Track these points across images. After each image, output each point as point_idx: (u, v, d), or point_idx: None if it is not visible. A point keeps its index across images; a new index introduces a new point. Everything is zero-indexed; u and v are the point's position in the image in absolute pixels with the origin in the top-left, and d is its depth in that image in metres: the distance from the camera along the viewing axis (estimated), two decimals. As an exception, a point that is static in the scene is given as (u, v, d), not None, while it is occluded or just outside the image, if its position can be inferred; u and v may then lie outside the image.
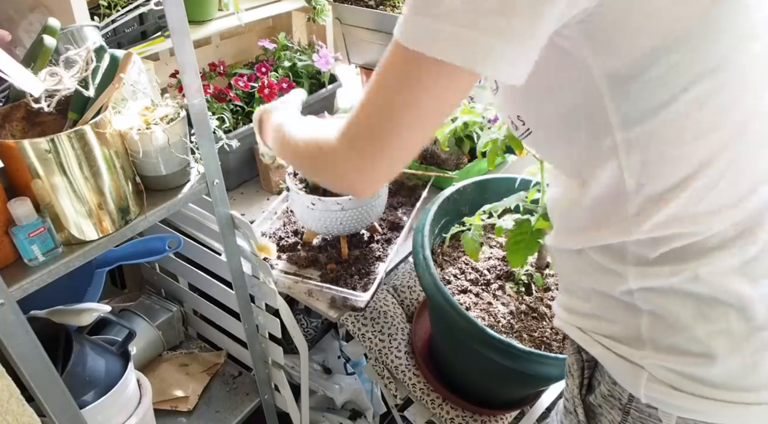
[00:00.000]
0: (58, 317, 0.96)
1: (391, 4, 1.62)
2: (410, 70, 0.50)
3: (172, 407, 1.29)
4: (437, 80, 0.49)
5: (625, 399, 0.59)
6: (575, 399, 0.67)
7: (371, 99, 0.54)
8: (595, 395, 0.64)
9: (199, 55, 1.57)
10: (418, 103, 0.50)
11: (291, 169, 1.22)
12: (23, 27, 1.07)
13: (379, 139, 0.53)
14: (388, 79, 0.52)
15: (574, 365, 0.67)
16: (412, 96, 0.50)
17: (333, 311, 1.15)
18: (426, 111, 0.51)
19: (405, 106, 0.51)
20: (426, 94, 0.50)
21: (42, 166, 0.71)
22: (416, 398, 1.16)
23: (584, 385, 0.67)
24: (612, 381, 0.61)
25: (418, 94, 0.50)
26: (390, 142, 0.53)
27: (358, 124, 0.55)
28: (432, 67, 0.48)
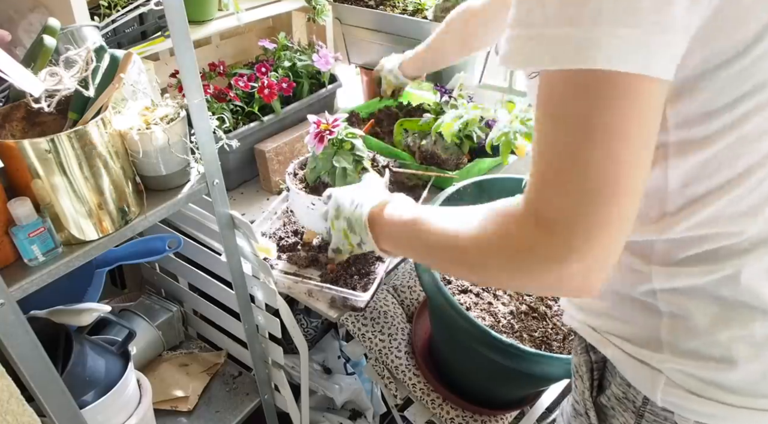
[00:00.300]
0: (58, 317, 0.96)
1: (391, 4, 1.62)
2: (603, 104, 0.40)
3: (172, 407, 1.29)
4: (639, 101, 0.41)
5: (639, 402, 0.58)
6: (586, 402, 0.65)
7: (559, 159, 0.42)
8: (607, 396, 0.63)
9: (199, 55, 1.57)
10: (623, 130, 0.41)
11: (291, 168, 1.22)
12: (23, 27, 1.07)
13: (587, 203, 0.41)
14: (576, 123, 0.41)
15: (583, 367, 0.65)
16: (616, 133, 0.41)
17: (333, 311, 1.15)
18: (634, 139, 0.41)
19: (607, 138, 0.41)
20: (629, 126, 0.41)
21: (42, 166, 0.71)
22: (416, 398, 1.16)
23: (594, 386, 0.65)
24: (626, 383, 0.59)
25: (621, 128, 0.41)
26: (607, 194, 0.41)
27: (551, 191, 0.43)
28: (628, 88, 0.40)
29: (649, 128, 0.43)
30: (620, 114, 0.41)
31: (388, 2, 1.63)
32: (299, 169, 1.24)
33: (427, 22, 1.48)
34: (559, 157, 0.42)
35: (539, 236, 0.44)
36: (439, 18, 1.47)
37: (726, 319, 0.51)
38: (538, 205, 0.44)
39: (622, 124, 0.41)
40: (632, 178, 0.42)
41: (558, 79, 0.41)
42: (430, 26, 1.48)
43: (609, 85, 0.40)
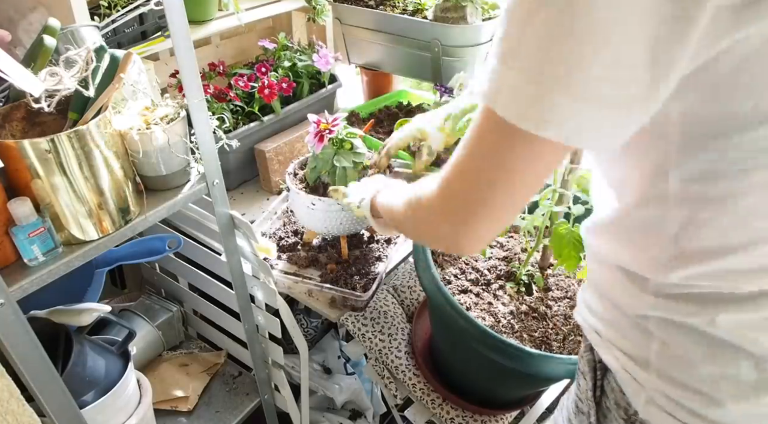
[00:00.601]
0: (58, 317, 0.96)
1: (391, 4, 1.62)
2: (505, 144, 0.47)
3: (172, 407, 1.29)
4: (537, 155, 0.47)
5: (631, 410, 0.59)
6: (589, 401, 0.66)
7: (464, 164, 0.52)
8: (609, 399, 0.64)
9: (199, 55, 1.57)
10: (512, 178, 0.49)
11: (291, 168, 1.22)
12: (23, 27, 1.07)
13: (472, 205, 0.53)
14: (481, 148, 0.50)
15: (586, 366, 0.66)
16: (506, 171, 0.49)
17: (333, 311, 1.15)
18: (521, 183, 0.50)
19: (499, 180, 0.49)
20: (522, 169, 0.48)
21: (42, 166, 0.71)
22: (416, 398, 1.16)
23: (597, 386, 0.66)
24: (620, 390, 0.60)
25: (513, 168, 0.48)
26: (483, 211, 0.52)
27: (452, 187, 0.55)
28: (532, 143, 0.45)
29: (546, 174, 0.52)
30: (524, 167, 0.49)
31: (388, 2, 1.63)
32: (299, 169, 1.24)
33: (427, 22, 1.48)
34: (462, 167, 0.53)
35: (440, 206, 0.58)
36: (439, 18, 1.47)
37: (713, 356, 0.51)
38: (441, 189, 0.57)
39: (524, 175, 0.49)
40: (508, 210, 0.53)
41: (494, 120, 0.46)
42: (430, 26, 1.48)
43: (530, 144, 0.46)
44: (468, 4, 1.44)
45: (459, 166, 0.53)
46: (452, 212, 0.56)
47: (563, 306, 1.05)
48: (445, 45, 1.48)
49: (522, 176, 0.49)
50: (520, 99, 0.43)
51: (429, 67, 1.56)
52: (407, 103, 1.76)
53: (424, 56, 1.54)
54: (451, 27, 1.45)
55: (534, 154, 0.47)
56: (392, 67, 1.70)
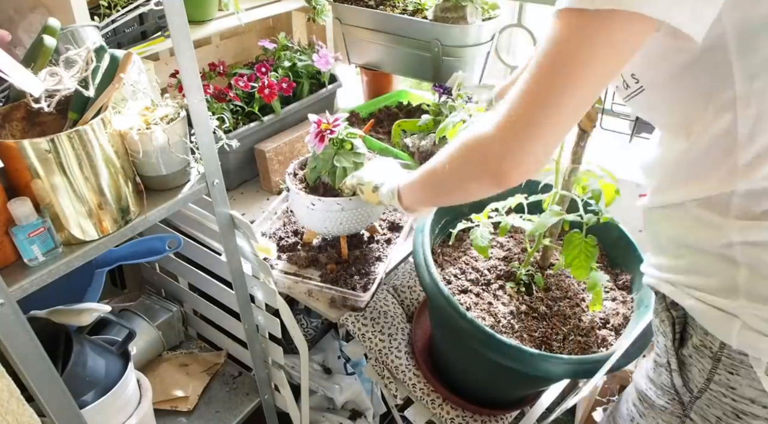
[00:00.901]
0: (58, 317, 0.96)
1: (391, 4, 1.62)
2: (586, 34, 0.50)
3: (172, 407, 1.29)
4: (612, 37, 0.49)
5: (716, 347, 0.62)
6: (669, 351, 0.69)
7: (534, 81, 0.54)
8: (687, 347, 0.67)
9: (199, 55, 1.57)
10: (588, 71, 0.51)
11: (291, 168, 1.22)
12: (23, 27, 1.07)
13: (536, 118, 0.54)
14: (558, 53, 0.52)
15: (665, 322, 0.69)
16: (584, 63, 0.51)
17: (333, 311, 1.15)
18: (593, 79, 0.52)
19: (575, 77, 0.51)
20: (597, 58, 0.50)
21: (42, 166, 0.71)
22: (416, 398, 1.16)
23: (677, 339, 0.69)
24: (704, 332, 0.63)
25: (590, 59, 0.50)
26: (549, 122, 0.54)
27: (518, 109, 0.56)
28: (608, 23, 0.48)
29: (618, 66, 0.53)
30: (606, 55, 0.51)
31: (388, 2, 1.63)
32: (299, 169, 1.24)
33: (427, 22, 1.48)
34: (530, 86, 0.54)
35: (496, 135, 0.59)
36: (439, 18, 1.47)
37: None
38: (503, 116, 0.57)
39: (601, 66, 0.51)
40: (575, 113, 0.55)
41: (570, 19, 0.50)
42: (430, 26, 1.48)
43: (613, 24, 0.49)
44: (468, 4, 1.44)
45: (529, 83, 0.54)
46: (516, 130, 0.56)
47: (563, 306, 1.05)
48: (445, 45, 1.48)
49: (598, 67, 0.51)
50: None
51: (429, 67, 1.56)
52: (407, 103, 1.76)
53: (424, 56, 1.54)
54: (451, 27, 1.45)
55: (614, 39, 0.50)
56: (392, 67, 1.70)
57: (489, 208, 1.04)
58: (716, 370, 0.62)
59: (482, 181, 0.64)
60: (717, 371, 0.62)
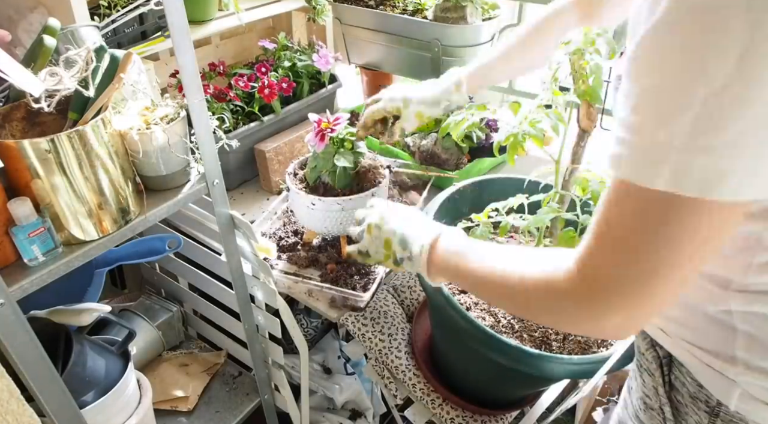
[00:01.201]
0: (58, 317, 0.96)
1: (391, 4, 1.62)
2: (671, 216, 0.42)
3: (172, 407, 1.29)
4: (710, 223, 0.42)
5: (713, 402, 0.58)
6: (661, 397, 0.64)
7: (619, 242, 0.46)
8: (681, 393, 0.63)
9: (199, 55, 1.57)
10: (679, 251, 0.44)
11: (291, 168, 1.22)
12: (23, 27, 1.07)
13: (632, 292, 0.46)
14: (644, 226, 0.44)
15: (653, 363, 0.64)
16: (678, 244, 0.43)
17: (333, 311, 1.15)
18: (693, 255, 0.44)
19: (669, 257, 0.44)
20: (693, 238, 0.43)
21: (42, 166, 0.71)
22: (416, 398, 1.16)
23: (666, 382, 0.64)
24: (697, 383, 0.59)
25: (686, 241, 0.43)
26: (646, 298, 0.46)
27: (603, 269, 0.47)
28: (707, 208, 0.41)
29: (721, 243, 0.45)
30: (701, 235, 0.43)
31: (388, 2, 1.63)
32: (299, 169, 1.24)
33: (427, 22, 1.48)
34: (624, 234, 0.46)
35: (583, 293, 0.49)
36: (439, 18, 1.47)
37: None
38: (589, 268, 0.48)
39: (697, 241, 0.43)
40: (682, 275, 0.45)
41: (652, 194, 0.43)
42: (430, 26, 1.48)
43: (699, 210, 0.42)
44: (468, 4, 1.44)
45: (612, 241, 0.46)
46: (601, 299, 0.48)
47: (563, 306, 1.05)
48: (445, 45, 1.48)
49: (690, 247, 0.44)
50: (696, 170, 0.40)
51: (429, 67, 1.56)
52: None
53: (424, 56, 1.54)
54: (451, 27, 1.45)
55: (725, 224, 0.44)
56: (392, 67, 1.70)
57: (489, 208, 1.04)
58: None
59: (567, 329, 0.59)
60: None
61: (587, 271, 0.48)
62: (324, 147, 1.12)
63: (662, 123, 0.41)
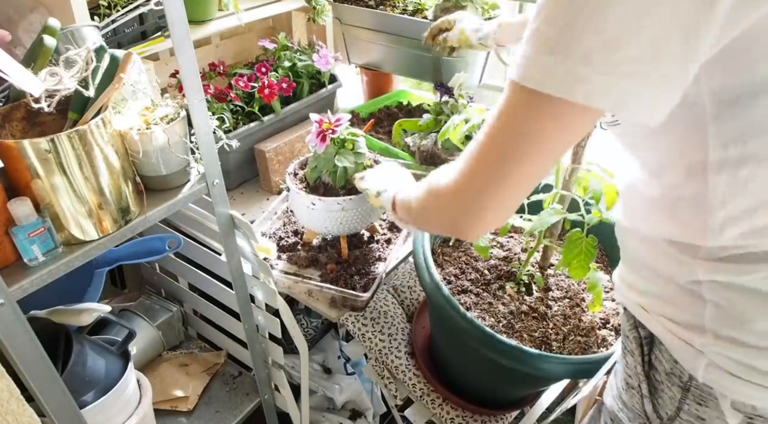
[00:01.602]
0: (58, 317, 0.96)
1: (391, 4, 1.62)
2: (535, 114, 0.49)
3: (172, 407, 1.29)
4: (562, 122, 0.48)
5: (685, 377, 0.61)
6: (639, 376, 0.68)
7: (487, 147, 0.54)
8: (658, 371, 0.66)
9: (199, 55, 1.57)
10: (536, 149, 0.50)
11: (291, 168, 1.22)
12: (23, 27, 1.06)
13: (488, 188, 0.54)
14: (507, 125, 0.51)
15: (633, 343, 0.68)
16: (532, 141, 0.50)
17: (333, 311, 1.15)
18: (541, 156, 0.51)
19: (523, 153, 0.51)
20: (546, 138, 0.50)
21: (42, 166, 0.71)
22: (416, 398, 1.16)
23: (645, 361, 0.68)
24: (673, 359, 0.62)
25: (539, 138, 0.50)
26: (499, 191, 0.54)
27: (469, 172, 0.56)
28: (559, 109, 0.47)
29: (567, 147, 0.53)
30: (556, 137, 0.50)
31: (388, 2, 1.63)
32: (299, 169, 1.24)
33: (427, 22, 1.48)
34: (482, 151, 0.55)
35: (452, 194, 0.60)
36: (439, 18, 1.46)
37: (765, 311, 0.54)
38: (457, 177, 0.59)
39: (550, 145, 0.50)
40: (528, 183, 0.55)
41: (520, 96, 0.49)
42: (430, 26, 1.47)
43: (556, 110, 0.48)
44: (468, 3, 1.44)
45: (478, 148, 0.54)
46: (468, 193, 0.57)
47: (563, 306, 1.05)
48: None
49: (546, 146, 0.50)
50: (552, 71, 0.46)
51: (429, 67, 1.56)
52: (407, 103, 1.76)
53: (424, 56, 1.54)
54: (451, 27, 1.45)
55: (564, 123, 0.49)
56: (392, 67, 1.70)
57: None
58: (686, 400, 0.62)
59: (443, 230, 0.68)
60: (686, 400, 0.62)
61: (458, 177, 0.58)
62: (325, 148, 1.12)
63: (543, 30, 0.46)
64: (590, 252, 0.92)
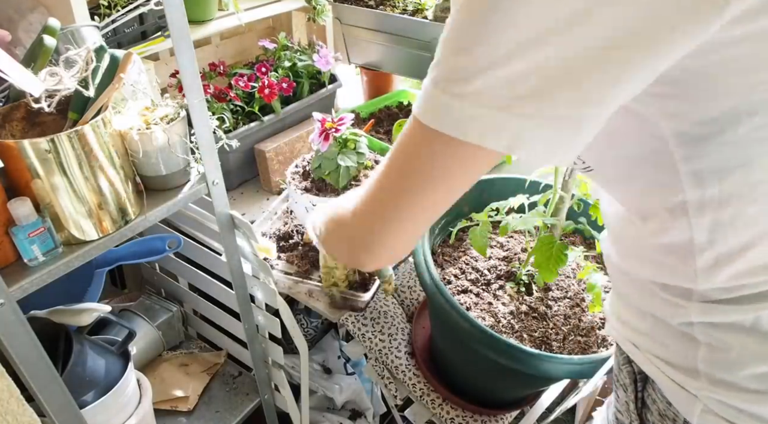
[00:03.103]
0: (58, 317, 0.96)
1: (391, 4, 1.62)
2: (431, 152, 0.46)
3: (172, 407, 1.29)
4: (461, 162, 0.45)
5: (680, 421, 0.58)
6: (632, 414, 0.65)
7: (384, 178, 0.51)
8: (651, 411, 0.63)
9: (199, 55, 1.57)
10: (433, 186, 0.48)
11: (291, 168, 1.22)
12: (23, 27, 1.06)
13: (387, 222, 0.52)
14: (404, 159, 0.49)
15: (627, 379, 0.65)
16: (429, 178, 0.47)
17: (333, 311, 1.15)
18: (440, 194, 0.49)
19: (420, 188, 0.48)
20: (444, 177, 0.47)
21: (42, 166, 0.71)
22: (416, 398, 1.16)
23: (638, 398, 0.64)
24: (667, 400, 0.59)
25: (436, 176, 0.47)
26: (395, 227, 0.52)
27: (368, 203, 0.54)
28: (458, 149, 0.44)
29: (467, 185, 0.49)
30: (452, 176, 0.47)
31: (388, 2, 1.63)
32: (299, 169, 1.24)
33: (427, 22, 1.48)
34: (381, 182, 0.52)
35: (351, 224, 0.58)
36: (439, 18, 1.46)
37: (762, 354, 0.51)
38: (358, 207, 0.56)
39: (442, 180, 0.47)
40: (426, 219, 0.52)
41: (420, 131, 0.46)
42: (430, 26, 1.48)
43: (455, 150, 0.44)
44: (468, 4, 1.44)
45: (379, 178, 0.52)
46: (363, 227, 0.55)
47: (563, 306, 1.05)
48: (445, 45, 1.48)
49: (441, 186, 0.48)
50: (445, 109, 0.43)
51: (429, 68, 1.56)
52: (407, 103, 1.76)
53: (424, 56, 1.54)
54: (451, 27, 1.45)
55: (474, 168, 0.46)
56: (392, 67, 1.70)
57: (489, 208, 1.04)
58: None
59: (344, 259, 0.67)
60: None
61: (358, 206, 0.56)
62: (328, 147, 1.12)
63: (439, 59, 0.43)
64: (560, 258, 0.92)
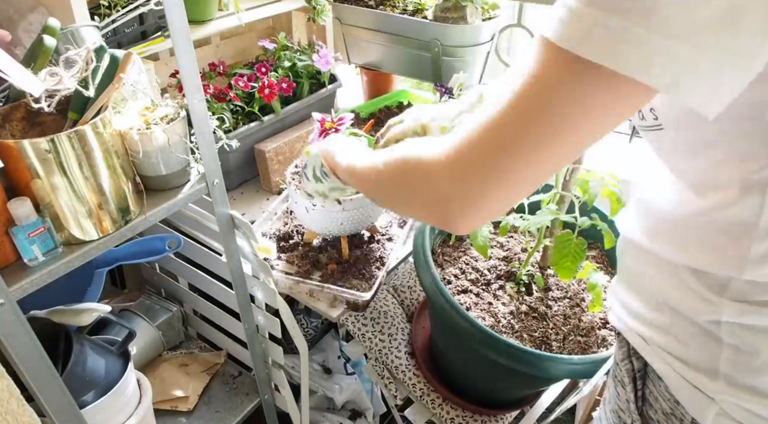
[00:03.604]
0: (58, 317, 0.96)
1: (391, 4, 1.62)
2: (577, 86, 0.39)
3: (172, 407, 1.29)
4: (607, 100, 0.39)
5: (688, 421, 0.55)
6: (632, 413, 0.62)
7: (504, 117, 0.42)
8: (655, 409, 0.60)
9: (199, 55, 1.57)
10: (572, 127, 0.41)
11: (291, 168, 1.22)
12: (23, 27, 1.06)
13: (498, 167, 0.43)
14: (533, 92, 0.41)
15: (626, 377, 0.62)
16: (567, 117, 0.40)
17: (333, 311, 1.15)
18: (575, 137, 0.42)
19: (550, 129, 0.41)
20: (583, 117, 0.40)
21: (42, 166, 0.71)
22: (416, 398, 1.16)
23: (639, 396, 0.62)
24: (674, 400, 0.56)
25: (576, 116, 0.40)
26: (511, 173, 0.43)
27: (478, 141, 0.44)
28: (605, 82, 0.38)
29: (605, 131, 0.42)
30: (594, 116, 0.40)
31: (388, 2, 1.63)
32: (300, 169, 1.24)
33: (427, 22, 1.48)
34: (497, 119, 0.43)
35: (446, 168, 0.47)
36: (439, 18, 1.46)
37: None
38: (459, 146, 0.46)
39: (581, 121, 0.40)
40: (538, 177, 0.45)
41: (562, 60, 0.39)
42: (430, 26, 1.48)
43: (603, 84, 0.38)
44: (468, 4, 1.44)
45: (498, 116, 0.43)
46: (464, 172, 0.45)
47: (563, 306, 1.05)
48: (445, 45, 1.48)
49: (582, 125, 0.41)
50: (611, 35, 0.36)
51: (429, 67, 1.56)
52: (407, 103, 1.76)
53: (424, 56, 1.54)
54: (451, 27, 1.45)
55: (620, 105, 0.40)
56: (392, 67, 1.70)
57: None
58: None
59: (423, 216, 0.54)
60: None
61: (459, 145, 0.46)
62: (324, 147, 1.11)
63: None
64: (578, 254, 0.92)
